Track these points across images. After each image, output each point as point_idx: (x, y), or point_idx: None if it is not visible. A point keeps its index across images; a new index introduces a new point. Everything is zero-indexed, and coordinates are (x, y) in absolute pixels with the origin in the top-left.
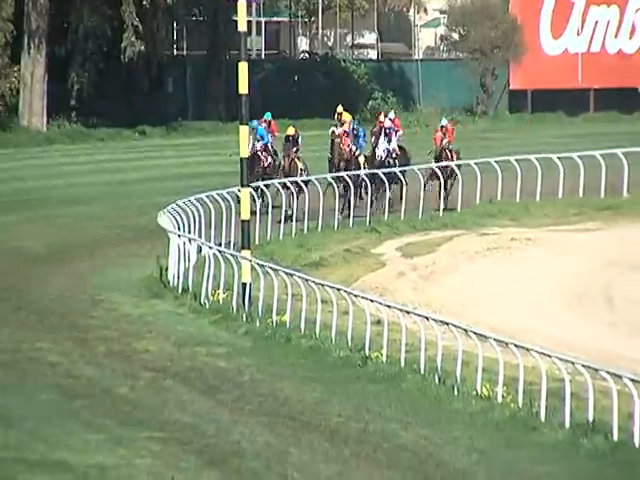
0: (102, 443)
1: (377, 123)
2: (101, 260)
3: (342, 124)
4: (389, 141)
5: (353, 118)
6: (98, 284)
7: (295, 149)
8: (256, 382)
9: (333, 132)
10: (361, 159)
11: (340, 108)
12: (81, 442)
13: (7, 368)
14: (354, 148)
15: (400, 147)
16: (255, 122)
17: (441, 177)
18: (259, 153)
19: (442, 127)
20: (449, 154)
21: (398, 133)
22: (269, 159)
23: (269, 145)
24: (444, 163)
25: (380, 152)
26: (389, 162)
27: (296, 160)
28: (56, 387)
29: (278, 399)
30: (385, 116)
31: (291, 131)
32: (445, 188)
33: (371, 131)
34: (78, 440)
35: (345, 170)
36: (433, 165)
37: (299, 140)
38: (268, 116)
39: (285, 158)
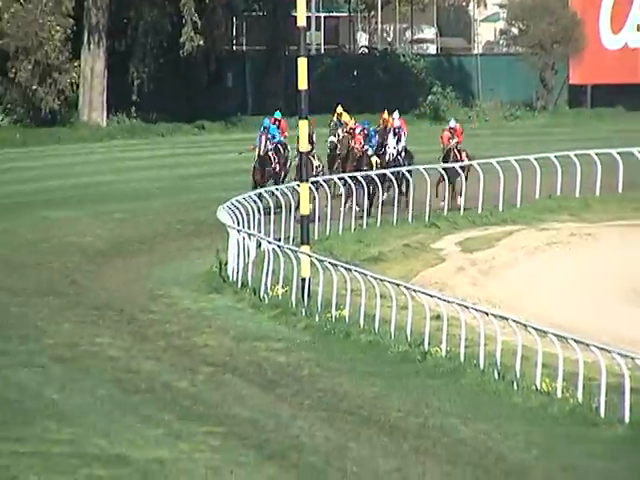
0: (162, 437)
1: (381, 122)
2: (161, 255)
3: (342, 124)
4: (398, 140)
5: (356, 120)
6: (158, 279)
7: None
8: (315, 377)
9: (338, 135)
10: (374, 159)
11: (340, 108)
12: (141, 437)
13: (67, 363)
14: (366, 148)
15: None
16: (267, 121)
17: (446, 178)
18: (270, 154)
19: (451, 128)
20: (458, 154)
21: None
22: (281, 159)
23: (280, 145)
24: (454, 164)
25: (391, 150)
26: (399, 161)
27: (310, 158)
28: (116, 382)
29: (337, 394)
30: (389, 114)
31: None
32: (454, 188)
33: (375, 130)
34: (138, 435)
35: (356, 170)
36: (439, 166)
37: (314, 137)
38: (278, 115)
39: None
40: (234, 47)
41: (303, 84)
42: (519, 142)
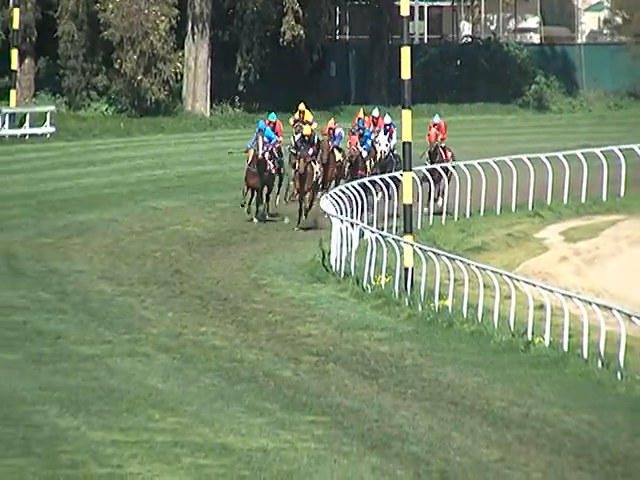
0: (265, 427)
1: (354, 122)
2: (264, 244)
3: (305, 123)
4: (390, 138)
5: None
6: (261, 268)
7: (311, 151)
8: (418, 366)
9: (302, 135)
10: (368, 162)
11: (302, 106)
12: (244, 426)
13: (171, 352)
14: (361, 150)
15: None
16: (262, 123)
17: (431, 179)
18: (266, 157)
19: (435, 124)
20: (443, 153)
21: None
22: (275, 164)
23: (274, 148)
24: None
25: (383, 147)
26: (391, 158)
27: (312, 164)
28: (219, 371)
29: (441, 383)
30: (364, 114)
31: (307, 131)
32: (438, 190)
33: (350, 130)
34: (241, 424)
35: (350, 173)
36: (424, 169)
37: (315, 141)
38: (273, 117)
39: (300, 160)
40: (337, 36)
41: (406, 73)
42: (623, 132)
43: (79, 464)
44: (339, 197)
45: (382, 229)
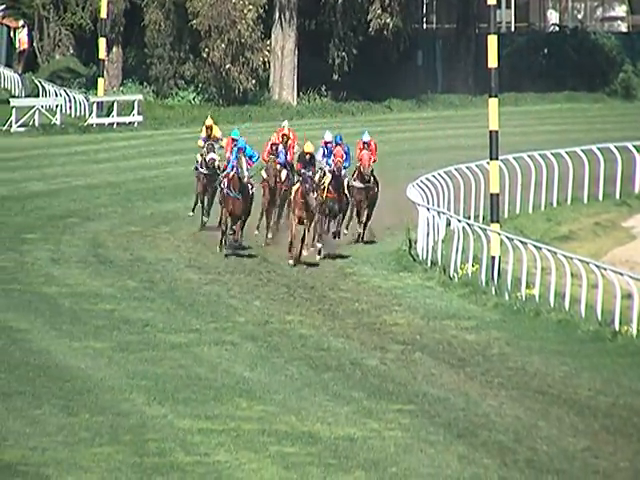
0: (351, 415)
1: (275, 135)
2: (350, 233)
3: (214, 140)
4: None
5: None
6: (348, 257)
7: (310, 172)
8: (505, 355)
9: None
10: (346, 180)
11: (209, 120)
12: (331, 414)
13: (258, 341)
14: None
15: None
16: (242, 141)
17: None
18: (251, 180)
19: (365, 143)
20: (372, 178)
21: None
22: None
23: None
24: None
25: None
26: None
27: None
28: (306, 359)
29: (527, 372)
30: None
31: (309, 148)
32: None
33: (271, 146)
34: (328, 412)
35: (336, 191)
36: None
37: (315, 161)
38: (235, 134)
39: (305, 187)
40: (425, 25)
41: (493, 62)
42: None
43: (166, 452)
44: (425, 186)
45: (469, 218)
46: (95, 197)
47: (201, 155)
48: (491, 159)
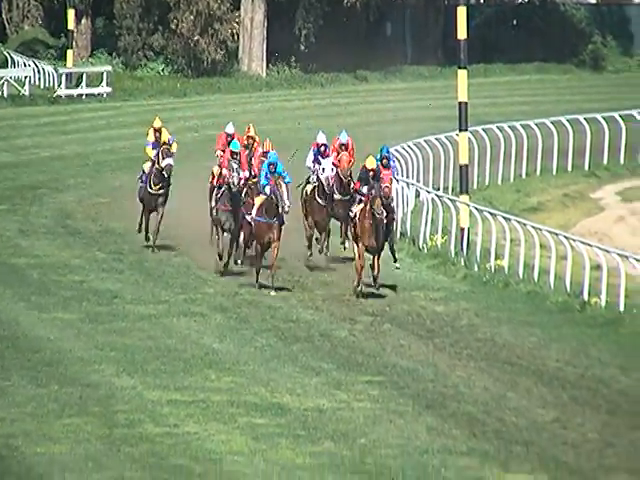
0: (321, 387)
1: (218, 140)
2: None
3: (161, 144)
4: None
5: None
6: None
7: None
8: (474, 326)
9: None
10: (309, 187)
11: (158, 122)
12: (300, 386)
13: (227, 312)
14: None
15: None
16: (274, 155)
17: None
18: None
19: (342, 145)
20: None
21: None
22: None
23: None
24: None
25: (328, 172)
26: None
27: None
28: (275, 331)
29: (496, 344)
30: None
31: (371, 164)
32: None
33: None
34: (297, 384)
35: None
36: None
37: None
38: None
39: (376, 202)
40: None
41: (462, 33)
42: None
43: (135, 423)
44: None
45: (438, 189)
46: (64, 168)
47: (152, 162)
48: (460, 130)
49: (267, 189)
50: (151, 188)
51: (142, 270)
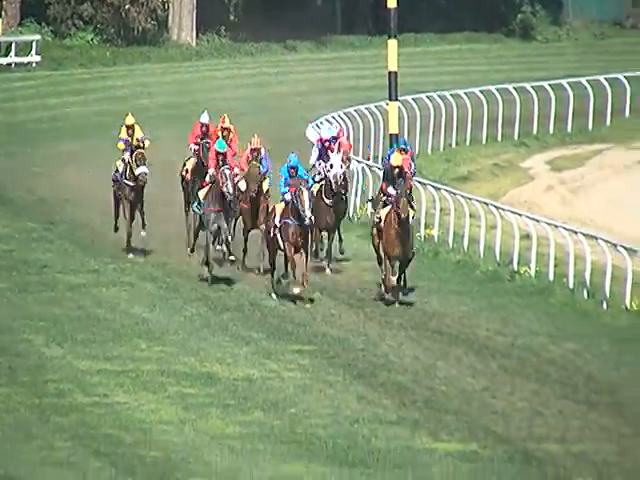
0: (251, 356)
1: (192, 130)
2: None
3: (135, 147)
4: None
5: None
6: None
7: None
8: (404, 296)
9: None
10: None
11: (130, 119)
12: (230, 355)
13: (157, 281)
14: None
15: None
16: (294, 158)
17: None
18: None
19: (334, 139)
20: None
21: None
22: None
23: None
24: None
25: (337, 169)
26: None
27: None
28: (205, 300)
29: (426, 313)
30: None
31: (397, 161)
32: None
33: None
34: (227, 353)
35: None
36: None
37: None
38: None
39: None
40: None
41: (392, 2)
42: (609, 61)
43: (65, 393)
44: (322, 124)
45: (368, 159)
46: None
47: (123, 162)
48: (390, 100)
49: (287, 196)
50: (127, 179)
51: (72, 240)
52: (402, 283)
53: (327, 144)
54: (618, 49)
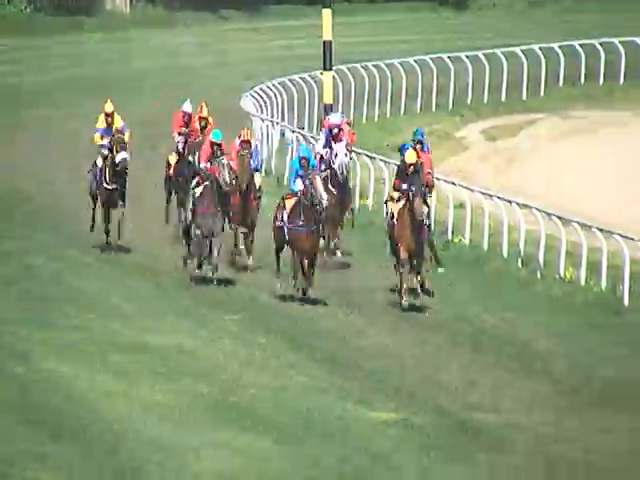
0: (181, 323)
1: (174, 119)
2: None
3: (117, 134)
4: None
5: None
6: None
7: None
8: (335, 264)
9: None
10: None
11: (110, 106)
12: (159, 323)
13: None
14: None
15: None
16: (305, 148)
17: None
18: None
19: (337, 127)
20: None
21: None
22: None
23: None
24: None
25: (342, 158)
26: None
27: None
28: (135, 267)
29: (357, 284)
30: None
31: (411, 157)
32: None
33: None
34: (157, 321)
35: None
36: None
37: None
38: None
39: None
40: None
41: None
42: (543, 30)
43: None
44: (259, 96)
45: (302, 128)
46: None
47: (103, 160)
48: (325, 69)
49: (299, 184)
50: (107, 183)
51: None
52: (418, 281)
53: (335, 131)
54: (553, 18)
